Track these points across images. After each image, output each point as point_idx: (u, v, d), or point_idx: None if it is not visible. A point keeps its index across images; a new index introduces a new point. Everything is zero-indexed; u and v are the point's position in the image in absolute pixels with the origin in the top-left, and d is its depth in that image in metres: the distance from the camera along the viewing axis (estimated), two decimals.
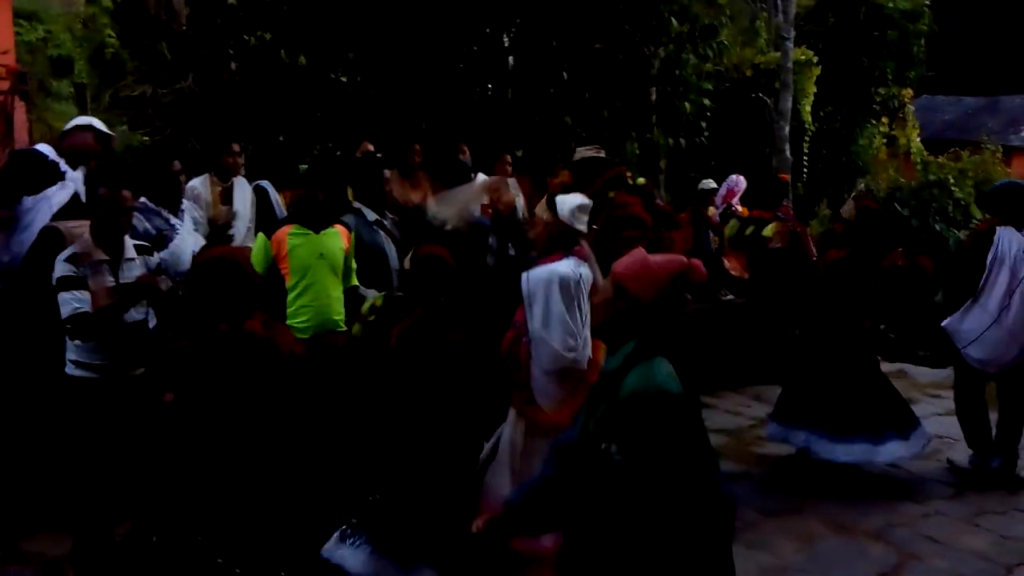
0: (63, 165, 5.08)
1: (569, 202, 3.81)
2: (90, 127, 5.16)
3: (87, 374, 3.92)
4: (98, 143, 5.12)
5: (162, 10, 10.76)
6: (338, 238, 4.72)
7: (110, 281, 3.90)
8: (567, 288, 3.59)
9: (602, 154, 4.98)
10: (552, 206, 3.85)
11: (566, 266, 3.66)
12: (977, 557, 4.42)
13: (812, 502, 4.97)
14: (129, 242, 4.05)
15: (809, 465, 5.37)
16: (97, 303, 3.80)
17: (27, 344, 4.58)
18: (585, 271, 3.69)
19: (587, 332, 3.63)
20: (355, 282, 4.84)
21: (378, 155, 6.01)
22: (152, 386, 3.93)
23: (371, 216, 5.17)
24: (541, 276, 3.64)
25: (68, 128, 5.31)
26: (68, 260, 3.86)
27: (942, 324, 5.50)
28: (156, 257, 4.23)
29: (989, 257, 5.32)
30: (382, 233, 5.21)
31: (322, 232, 4.63)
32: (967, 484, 5.37)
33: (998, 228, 5.40)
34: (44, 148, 5.22)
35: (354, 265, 4.84)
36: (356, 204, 5.23)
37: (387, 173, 5.42)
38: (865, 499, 5.10)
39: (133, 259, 4.01)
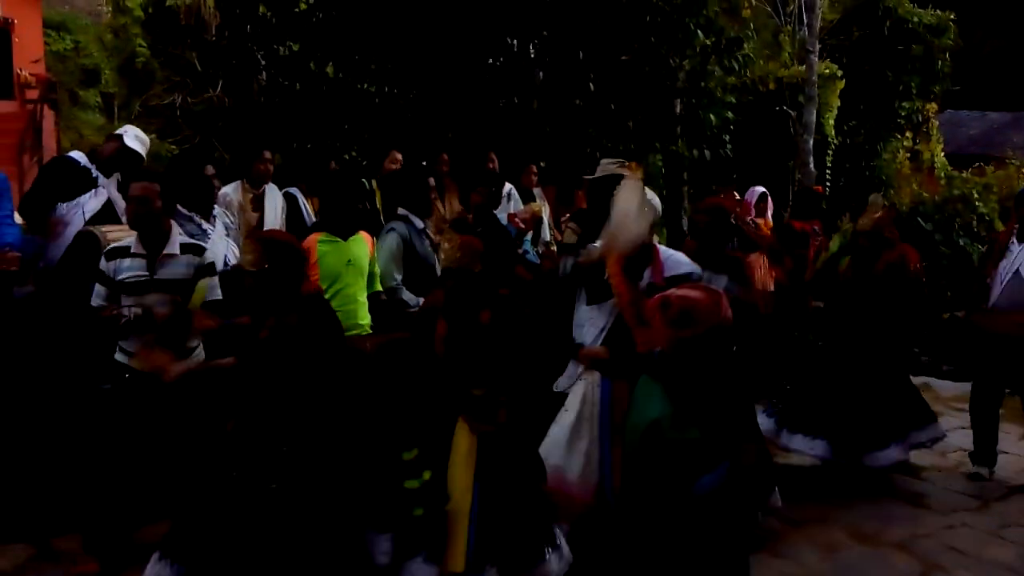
0: (95, 171, 5.21)
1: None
2: (119, 137, 5.29)
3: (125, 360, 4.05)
4: (121, 155, 5.25)
5: (192, 20, 10.95)
6: (364, 245, 4.79)
7: (141, 276, 3.99)
8: None
9: (625, 171, 4.97)
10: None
11: None
12: (1003, 569, 4.41)
13: (836, 512, 4.97)
14: (176, 239, 4.11)
15: (833, 475, 5.38)
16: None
17: (59, 346, 4.68)
18: None
19: None
20: (378, 287, 4.90)
21: (423, 163, 6.08)
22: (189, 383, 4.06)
23: (419, 224, 5.21)
24: None
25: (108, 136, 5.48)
26: (106, 255, 4.07)
27: None
28: (206, 258, 4.23)
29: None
30: (428, 241, 5.26)
31: (349, 239, 4.71)
32: (992, 496, 5.35)
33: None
34: (76, 155, 5.35)
35: (377, 271, 4.89)
36: (402, 211, 5.27)
37: (431, 181, 5.46)
38: (889, 510, 5.10)
39: (175, 255, 4.08)
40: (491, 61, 8.57)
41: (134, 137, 5.31)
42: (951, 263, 11.83)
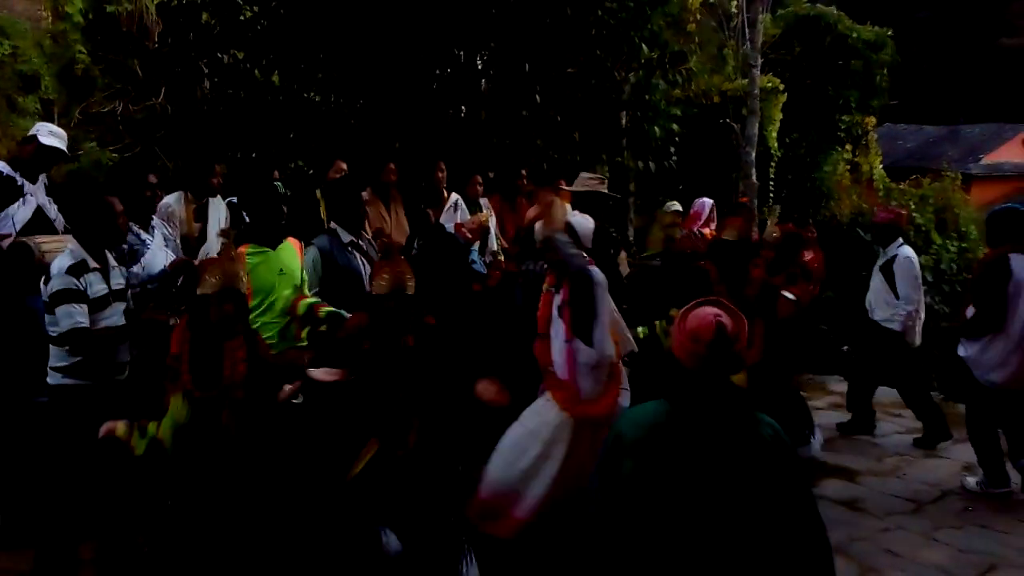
0: (19, 179, 5.07)
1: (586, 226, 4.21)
2: (33, 138, 5.15)
3: (79, 381, 3.92)
4: (41, 155, 5.11)
5: (134, 27, 10.77)
6: (293, 251, 4.74)
7: (103, 290, 3.93)
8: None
9: (604, 187, 4.99)
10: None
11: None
12: (937, 571, 4.54)
13: None
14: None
15: None
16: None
17: None
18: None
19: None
20: (307, 291, 4.84)
21: (355, 175, 6.05)
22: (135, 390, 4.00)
23: (346, 237, 5.18)
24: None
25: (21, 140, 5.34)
26: (70, 272, 3.82)
27: (961, 355, 5.53)
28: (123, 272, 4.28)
29: (1010, 288, 5.33)
30: (357, 255, 5.23)
31: (278, 248, 4.65)
32: (926, 500, 5.49)
33: (1011, 256, 5.38)
34: None
35: (305, 277, 4.85)
36: (332, 225, 5.25)
37: (364, 194, 5.44)
38: (826, 513, 5.14)
39: (116, 267, 4.05)
40: (438, 72, 8.57)
41: (48, 133, 5.16)
42: None
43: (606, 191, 4.90)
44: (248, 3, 8.30)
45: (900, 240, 6.54)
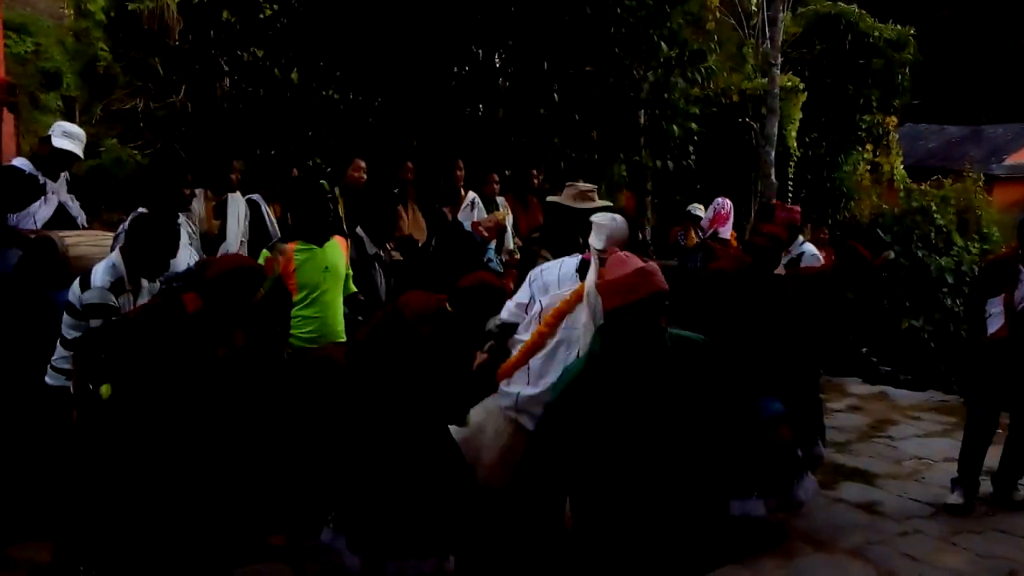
0: (42, 178, 5.12)
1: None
2: (48, 138, 5.20)
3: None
4: (55, 156, 5.15)
5: (155, 24, 10.86)
6: (339, 250, 4.84)
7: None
8: None
9: (596, 199, 4.79)
10: None
11: None
12: (954, 575, 4.49)
13: (792, 519, 5.01)
14: None
15: None
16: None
17: (15, 352, 4.61)
18: None
19: None
20: (353, 288, 4.92)
21: (392, 183, 6.07)
22: None
23: (371, 249, 5.26)
24: None
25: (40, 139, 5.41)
26: (111, 288, 3.94)
27: None
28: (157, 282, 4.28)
29: None
30: (376, 265, 5.31)
31: (325, 245, 4.73)
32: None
33: None
34: (20, 162, 5.24)
35: (351, 272, 4.92)
36: (358, 231, 5.30)
37: (401, 211, 5.47)
38: (844, 517, 5.17)
39: (145, 286, 4.10)
40: (456, 70, 8.58)
41: (62, 134, 5.19)
42: (908, 274, 12.07)
43: (599, 204, 4.69)
44: (268, 1, 8.36)
45: (801, 238, 6.51)
